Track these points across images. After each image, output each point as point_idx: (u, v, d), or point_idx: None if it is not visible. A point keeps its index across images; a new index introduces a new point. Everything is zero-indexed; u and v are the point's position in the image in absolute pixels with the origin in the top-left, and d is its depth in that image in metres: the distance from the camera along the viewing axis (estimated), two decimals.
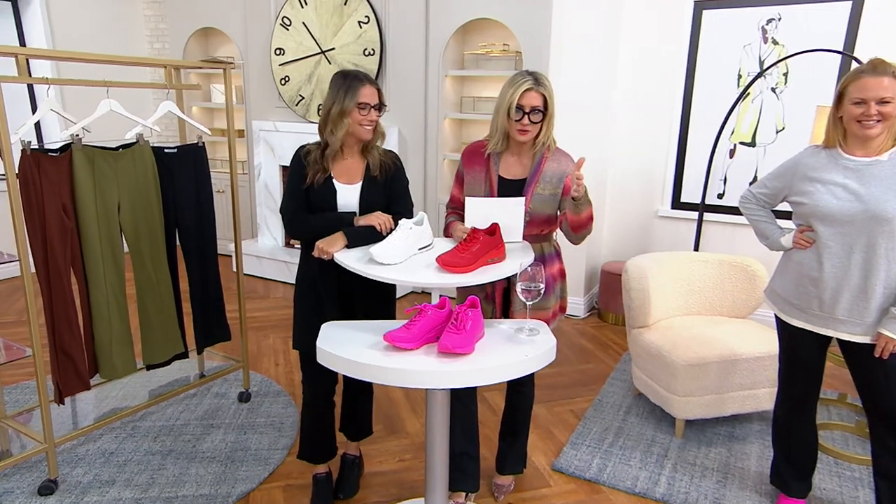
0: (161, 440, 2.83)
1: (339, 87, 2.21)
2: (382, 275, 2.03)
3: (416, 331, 1.91)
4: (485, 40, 4.56)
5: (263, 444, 2.82)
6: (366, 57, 4.61)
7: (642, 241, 4.57)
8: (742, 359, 2.84)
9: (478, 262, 2.08)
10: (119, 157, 2.67)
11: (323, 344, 1.93)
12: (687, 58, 4.19)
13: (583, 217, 2.17)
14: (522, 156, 2.31)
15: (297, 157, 2.31)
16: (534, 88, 2.16)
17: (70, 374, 2.61)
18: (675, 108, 4.29)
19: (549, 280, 2.33)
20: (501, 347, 1.92)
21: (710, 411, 2.88)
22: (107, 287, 2.68)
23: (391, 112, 4.63)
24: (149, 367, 2.93)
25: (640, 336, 3.08)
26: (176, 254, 2.94)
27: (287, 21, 4.87)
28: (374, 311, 2.39)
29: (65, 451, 2.72)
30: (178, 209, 2.91)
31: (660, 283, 3.17)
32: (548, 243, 2.37)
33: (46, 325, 2.50)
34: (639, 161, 4.48)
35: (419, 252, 2.22)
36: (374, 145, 2.35)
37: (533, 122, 2.18)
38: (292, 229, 2.30)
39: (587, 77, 4.12)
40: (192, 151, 2.94)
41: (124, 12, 5.56)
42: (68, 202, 2.53)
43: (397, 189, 2.38)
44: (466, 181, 2.37)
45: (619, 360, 3.79)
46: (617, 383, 3.47)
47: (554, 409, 3.19)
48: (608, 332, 4.24)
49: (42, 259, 2.46)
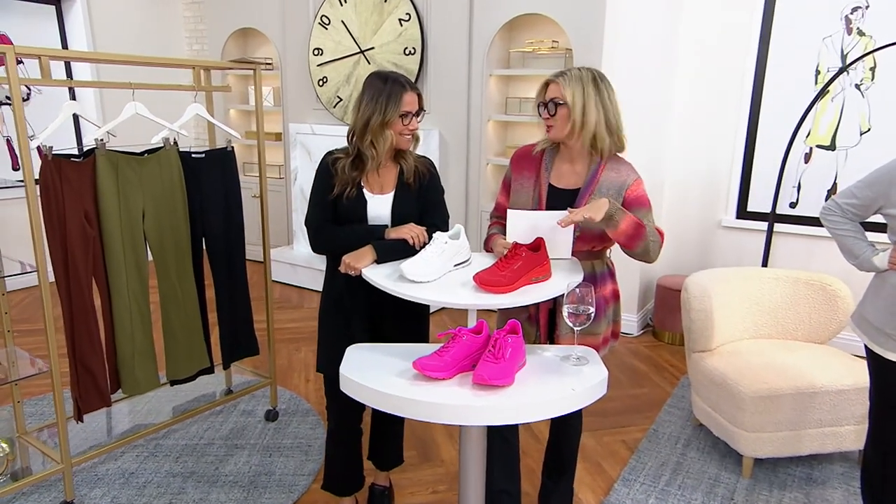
0: (183, 461, 2.68)
1: (379, 93, 1.99)
2: (413, 294, 1.82)
3: (449, 358, 1.69)
4: (532, 37, 4.30)
5: (289, 469, 2.64)
6: (406, 56, 4.41)
7: (703, 254, 4.22)
8: (822, 391, 2.51)
9: (520, 280, 1.85)
10: (144, 162, 2.54)
11: (347, 370, 1.73)
12: (757, 52, 3.84)
13: (623, 228, 1.89)
14: (577, 163, 2.07)
15: (324, 164, 2.10)
16: (552, 80, 1.99)
17: (90, 389, 2.49)
18: (743, 107, 3.94)
19: (600, 302, 2.07)
20: (545, 379, 1.69)
21: (784, 449, 2.56)
22: (130, 298, 2.55)
23: (432, 114, 4.43)
24: (172, 382, 2.80)
25: (702, 361, 2.78)
26: (202, 263, 2.80)
27: (326, 20, 4.72)
28: (406, 331, 2.18)
29: (84, 469, 2.60)
30: (204, 216, 2.77)
31: (724, 303, 2.86)
32: (600, 261, 2.11)
33: (66, 337, 2.38)
34: (700, 165, 4.14)
35: (455, 269, 2.00)
36: (408, 150, 2.14)
37: (551, 115, 1.96)
38: (317, 243, 2.11)
39: (643, 74, 3.82)
40: (220, 156, 2.80)
41: (164, 14, 5.53)
42: (91, 209, 2.41)
43: (432, 198, 2.16)
44: (514, 188, 2.14)
45: (677, 384, 3.47)
46: (674, 411, 3.16)
47: (603, 440, 2.91)
48: (664, 352, 3.92)
49: (62, 269, 2.34)
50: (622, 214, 1.89)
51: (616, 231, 1.90)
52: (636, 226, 1.91)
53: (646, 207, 2.01)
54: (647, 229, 1.93)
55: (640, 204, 2.01)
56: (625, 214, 1.90)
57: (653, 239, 1.95)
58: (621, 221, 1.88)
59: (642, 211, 2.00)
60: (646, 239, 1.93)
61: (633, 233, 1.91)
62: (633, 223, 1.90)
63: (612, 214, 1.87)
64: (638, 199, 2.00)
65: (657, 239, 1.97)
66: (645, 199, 2.02)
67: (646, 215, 2.00)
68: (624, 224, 1.89)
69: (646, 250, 1.96)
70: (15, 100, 2.09)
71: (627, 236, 1.91)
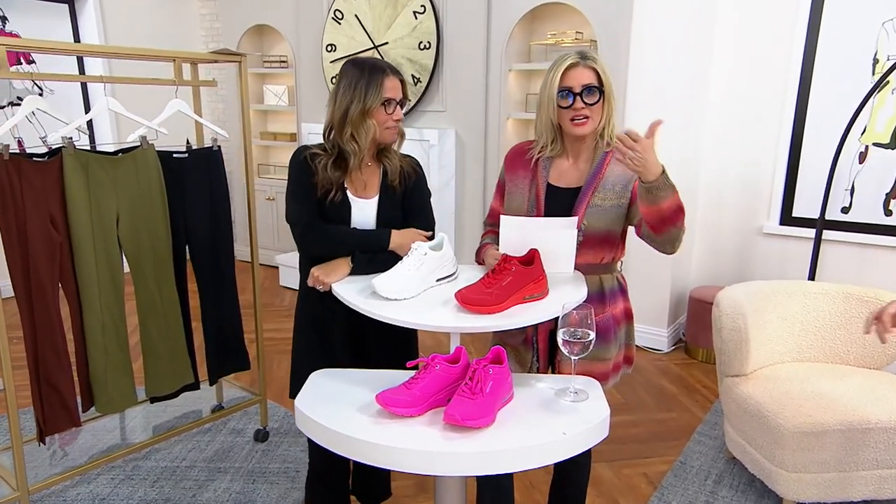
0: (160, 486, 2.48)
1: (357, 79, 1.75)
2: (384, 313, 1.58)
3: (419, 391, 1.44)
4: (554, 28, 4.00)
5: (271, 498, 2.41)
6: (421, 51, 4.17)
7: (741, 264, 3.84)
8: (877, 427, 2.15)
9: (509, 299, 1.58)
10: (118, 162, 2.35)
11: (302, 403, 1.49)
12: (805, 38, 3.45)
13: (664, 208, 1.56)
14: (580, 159, 1.80)
15: (302, 159, 1.83)
16: (581, 63, 1.67)
17: (56, 408, 2.30)
18: (788, 100, 3.56)
19: (609, 323, 1.79)
20: (533, 418, 1.42)
21: (831, 494, 2.21)
22: (102, 310, 2.36)
23: (448, 113, 4.16)
24: (153, 399, 2.60)
25: (735, 387, 2.44)
26: (186, 271, 2.60)
27: (339, 14, 4.51)
28: (392, 353, 1.92)
29: (54, 494, 2.42)
30: (188, 220, 2.57)
31: (762, 321, 2.52)
32: (609, 276, 1.82)
33: (27, 351, 2.20)
34: (739, 166, 3.77)
35: (438, 284, 1.74)
36: (392, 148, 1.89)
37: (588, 105, 1.67)
38: (308, 244, 1.84)
39: (675, 67, 3.49)
40: (205, 156, 2.59)
41: (179, 11, 5.42)
42: (58, 213, 2.23)
43: (416, 202, 1.91)
44: (508, 190, 1.88)
45: (710, 409, 3.12)
46: (705, 440, 2.82)
47: (622, 472, 2.59)
48: (697, 371, 3.56)
49: (22, 277, 2.16)
50: (671, 191, 1.55)
51: (657, 206, 1.56)
52: (678, 208, 1.58)
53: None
54: (685, 215, 1.62)
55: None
56: (674, 191, 1.56)
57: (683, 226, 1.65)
58: (664, 198, 1.54)
59: None
60: (681, 226, 1.62)
61: (671, 215, 1.58)
62: (676, 204, 1.57)
63: (666, 183, 1.53)
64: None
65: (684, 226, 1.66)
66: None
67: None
68: (667, 203, 1.55)
69: (674, 238, 1.65)
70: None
71: (662, 218, 1.58)
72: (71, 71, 4.78)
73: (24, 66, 4.86)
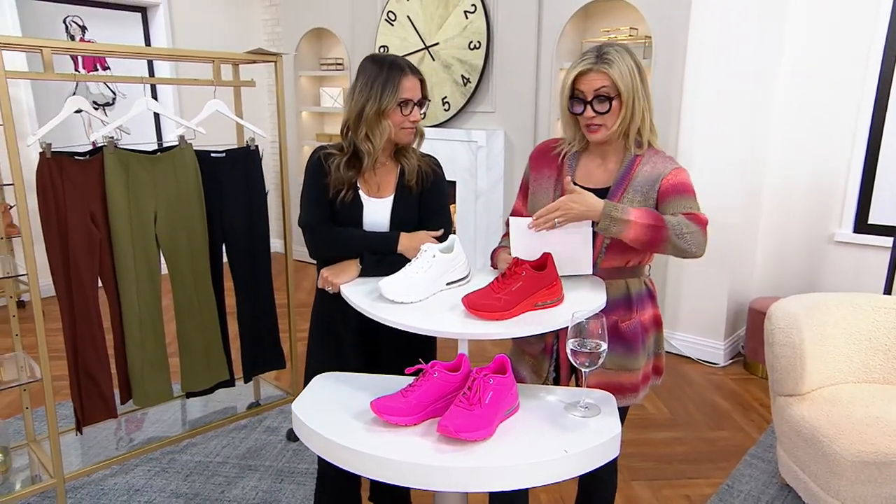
0: (191, 480, 2.52)
1: (374, 78, 1.71)
2: (389, 317, 1.51)
3: (415, 400, 1.37)
4: (608, 25, 3.84)
5: (296, 499, 2.40)
6: (471, 51, 4.10)
7: (809, 275, 3.55)
8: None
9: (518, 305, 1.49)
10: (156, 161, 2.41)
11: (299, 407, 1.45)
12: (888, 28, 3.16)
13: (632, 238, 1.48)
14: (608, 158, 1.68)
15: (315, 160, 1.82)
16: (594, 68, 1.54)
17: (94, 399, 2.38)
18: (866, 96, 3.27)
19: (637, 331, 1.67)
20: (536, 432, 1.33)
21: None
22: (140, 306, 2.42)
23: (497, 113, 4.07)
24: (188, 394, 2.66)
25: (789, 408, 2.24)
26: (222, 269, 2.63)
27: (392, 16, 4.51)
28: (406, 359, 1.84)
29: (93, 482, 2.49)
30: (225, 219, 2.60)
31: (822, 336, 2.30)
32: (636, 280, 1.69)
33: (66, 344, 2.28)
34: (808, 167, 3.49)
35: (448, 287, 1.66)
36: (411, 147, 1.83)
37: (599, 113, 1.55)
38: (318, 246, 1.80)
39: (738, 63, 3.27)
40: (242, 155, 2.63)
41: (243, 16, 5.58)
42: (98, 211, 2.31)
43: (433, 203, 1.84)
44: (532, 190, 1.78)
45: (766, 430, 2.89)
46: (757, 464, 2.61)
47: (662, 493, 2.42)
48: (755, 388, 3.31)
49: (63, 272, 2.24)
50: (623, 220, 1.46)
51: (628, 239, 1.49)
52: (648, 227, 1.47)
53: (687, 194, 1.59)
54: (667, 226, 1.48)
55: (679, 191, 1.58)
56: (628, 219, 1.46)
57: (687, 231, 1.49)
58: (626, 228, 1.46)
59: (683, 198, 1.57)
60: (668, 238, 1.48)
61: (649, 237, 1.48)
62: (643, 226, 1.46)
63: (609, 217, 1.46)
64: (676, 185, 1.58)
65: (693, 230, 1.50)
66: (686, 185, 1.60)
67: (686, 202, 1.57)
68: (632, 230, 1.46)
69: (677, 248, 1.51)
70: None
71: (643, 243, 1.49)
72: (141, 75, 5.00)
73: (99, 71, 5.13)
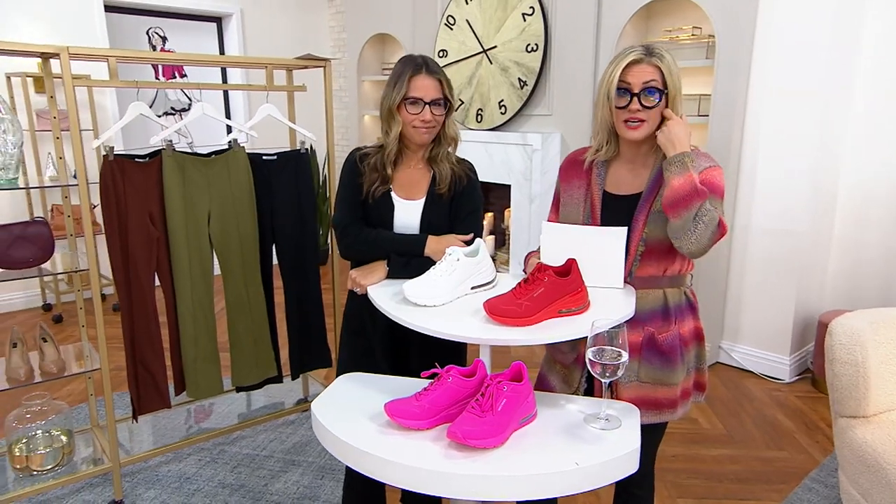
0: (238, 471, 2.61)
1: (394, 74, 1.78)
2: (412, 320, 1.52)
3: (428, 404, 1.37)
4: (670, 24, 3.70)
5: (335, 496, 2.44)
6: (528, 54, 4.05)
7: (887, 288, 3.29)
8: None
9: (541, 312, 1.46)
10: (211, 163, 2.51)
11: (318, 407, 1.47)
12: None
13: (675, 186, 1.48)
14: (638, 163, 1.63)
15: (351, 161, 1.86)
16: (644, 59, 1.50)
17: (149, 389, 2.50)
18: None
19: (675, 343, 1.60)
20: (551, 443, 1.30)
21: None
22: (193, 302, 2.53)
23: (554, 116, 4.00)
24: (238, 388, 2.75)
25: (851, 430, 2.08)
26: (272, 269, 2.71)
27: (451, 20, 4.52)
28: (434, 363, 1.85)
29: (150, 467, 2.62)
30: (275, 220, 2.68)
31: (891, 354, 2.12)
32: (676, 290, 1.62)
33: (124, 337, 2.41)
34: (888, 173, 3.24)
35: (473, 292, 1.65)
36: (443, 153, 1.83)
37: (646, 107, 1.50)
38: (347, 246, 1.83)
39: (810, 63, 3.08)
40: (293, 158, 2.70)
41: (311, 23, 5.75)
42: (156, 211, 2.43)
43: (464, 208, 1.83)
44: (563, 201, 1.74)
45: (831, 453, 2.70)
46: (818, 488, 2.44)
47: None
48: (822, 407, 3.10)
49: (122, 269, 2.37)
50: (683, 168, 1.48)
51: (668, 185, 1.49)
52: (692, 191, 1.46)
53: (715, 195, 1.53)
54: (704, 199, 1.46)
55: (709, 188, 1.52)
56: (686, 172, 1.47)
57: (707, 220, 1.45)
58: (678, 174, 1.47)
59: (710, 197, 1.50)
60: (694, 209, 1.45)
61: (684, 195, 1.46)
62: (690, 185, 1.46)
63: (676, 160, 1.48)
64: (706, 181, 1.53)
65: (710, 226, 1.46)
66: (716, 185, 1.54)
67: (712, 202, 1.50)
68: (680, 179, 1.47)
69: (685, 227, 1.47)
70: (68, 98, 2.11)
71: (675, 199, 1.47)
72: (216, 82, 5.25)
73: (177, 79, 5.42)
